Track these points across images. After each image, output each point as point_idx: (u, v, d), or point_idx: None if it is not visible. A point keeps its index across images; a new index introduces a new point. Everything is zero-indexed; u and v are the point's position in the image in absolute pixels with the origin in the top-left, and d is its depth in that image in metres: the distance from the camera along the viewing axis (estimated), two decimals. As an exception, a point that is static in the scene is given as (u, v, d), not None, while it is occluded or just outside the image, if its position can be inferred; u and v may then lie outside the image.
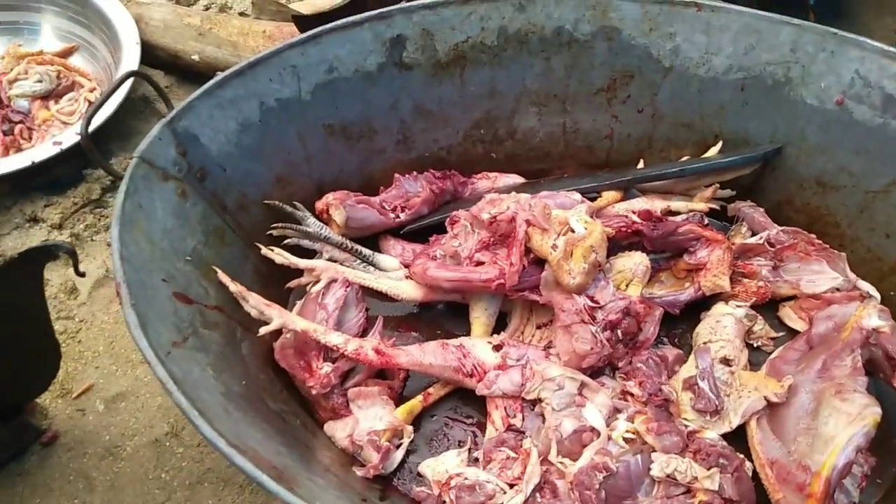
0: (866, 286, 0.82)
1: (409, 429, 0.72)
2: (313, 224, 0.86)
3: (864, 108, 0.82)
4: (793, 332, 0.82)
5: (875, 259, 0.84)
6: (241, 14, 1.37)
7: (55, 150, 1.04)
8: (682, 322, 0.82)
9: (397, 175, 0.91)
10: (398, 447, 0.71)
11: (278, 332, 0.74)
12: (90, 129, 0.71)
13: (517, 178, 0.96)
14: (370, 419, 0.71)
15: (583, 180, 0.92)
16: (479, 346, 0.75)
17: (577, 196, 0.84)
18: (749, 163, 0.89)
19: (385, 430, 0.70)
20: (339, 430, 0.71)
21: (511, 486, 0.65)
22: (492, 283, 0.75)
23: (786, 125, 0.88)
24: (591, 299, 0.73)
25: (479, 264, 0.77)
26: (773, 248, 0.85)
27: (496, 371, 0.72)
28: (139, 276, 0.61)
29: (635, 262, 0.78)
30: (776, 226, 0.88)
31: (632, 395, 0.71)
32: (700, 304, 0.82)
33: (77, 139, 1.05)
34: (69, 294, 0.97)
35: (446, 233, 0.83)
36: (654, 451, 0.65)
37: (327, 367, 0.72)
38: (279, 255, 0.81)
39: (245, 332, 0.73)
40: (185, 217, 0.73)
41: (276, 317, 0.72)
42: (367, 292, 0.82)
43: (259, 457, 0.50)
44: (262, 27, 1.23)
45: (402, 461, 0.71)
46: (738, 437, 0.71)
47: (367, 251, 0.86)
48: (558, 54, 0.90)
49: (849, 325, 0.73)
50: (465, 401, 0.76)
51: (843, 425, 0.64)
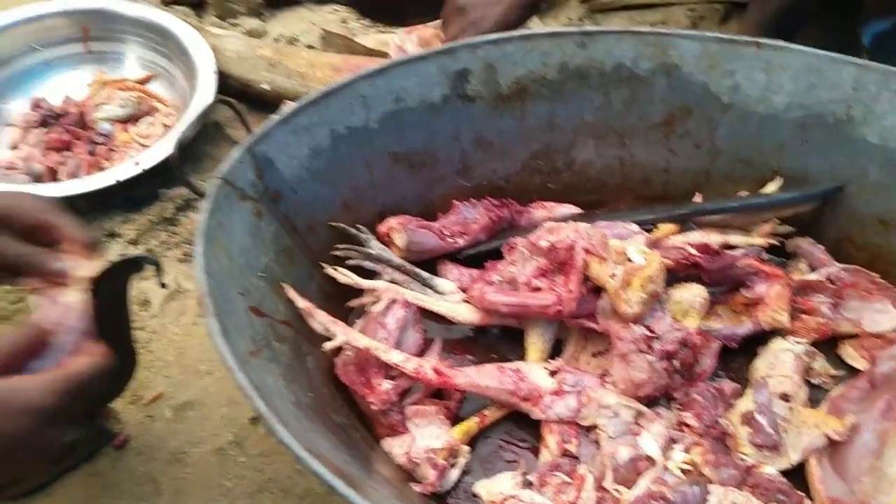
0: (931, 327, 0.81)
1: (466, 449, 0.74)
2: (376, 246, 0.89)
3: (929, 147, 0.82)
4: (853, 371, 0.81)
5: (940, 300, 0.83)
6: (309, 46, 1.44)
7: (137, 171, 1.10)
8: (738, 356, 0.82)
9: (456, 202, 0.94)
10: (454, 466, 0.72)
11: (339, 349, 0.77)
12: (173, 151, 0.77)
13: (573, 209, 0.98)
14: (427, 437, 0.73)
15: (639, 212, 0.93)
16: (535, 370, 0.76)
17: (635, 227, 0.85)
18: (808, 200, 0.89)
19: (442, 448, 0.72)
20: (396, 446, 0.74)
21: (565, 510, 0.66)
22: (549, 309, 0.77)
23: (847, 163, 0.88)
24: (649, 329, 0.74)
25: (537, 290, 0.79)
26: (833, 286, 0.85)
27: (552, 396, 0.73)
28: (219, 290, 0.65)
29: (693, 293, 0.79)
30: (836, 263, 0.87)
31: (688, 426, 0.71)
32: (757, 339, 0.82)
33: (156, 160, 1.12)
34: (142, 306, 1.02)
35: (502, 259, 0.86)
36: (711, 483, 0.65)
37: (387, 385, 0.75)
38: (343, 275, 0.85)
39: (310, 347, 0.77)
40: (260, 236, 0.77)
41: (341, 333, 0.76)
42: (424, 314, 0.85)
43: (330, 463, 0.52)
44: (330, 59, 1.29)
45: (458, 480, 0.72)
46: (796, 476, 0.70)
47: (425, 274, 0.89)
48: (617, 89, 0.93)
49: (913, 366, 0.72)
50: (520, 424, 0.77)
51: (910, 467, 0.63)
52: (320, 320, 0.77)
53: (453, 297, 0.88)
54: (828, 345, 0.83)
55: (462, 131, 0.94)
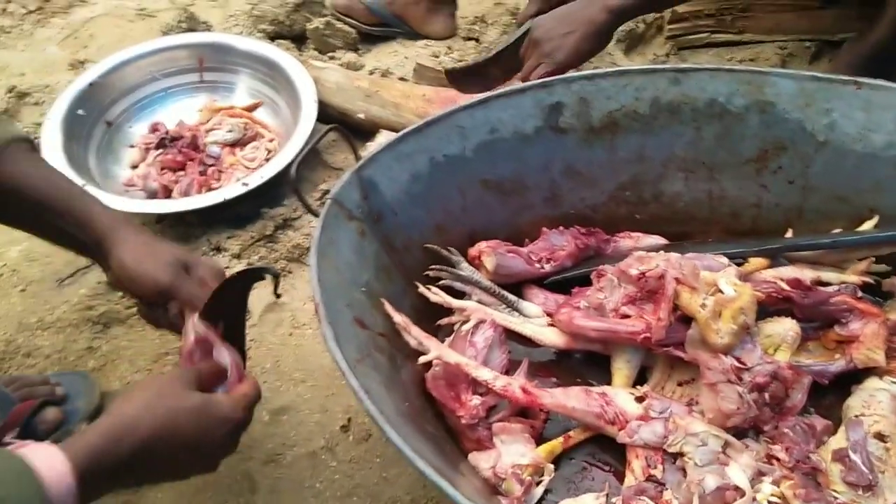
0: None
1: (550, 467, 0.76)
2: (466, 268, 0.93)
3: None
4: (955, 416, 0.78)
5: None
6: (401, 79, 1.52)
7: (243, 190, 1.19)
8: (829, 394, 0.81)
9: (545, 229, 0.98)
10: (539, 484, 0.74)
11: (429, 363, 0.81)
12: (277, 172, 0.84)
13: (660, 240, 0.99)
14: (513, 454, 0.76)
15: (728, 245, 0.93)
16: (621, 395, 0.78)
17: (724, 260, 0.86)
18: (906, 239, 0.88)
19: (528, 465, 0.74)
20: (483, 460, 0.76)
21: (651, 534, 0.66)
22: (638, 336, 0.78)
23: (948, 203, 0.86)
24: (738, 360, 0.75)
25: (625, 317, 0.81)
26: (933, 327, 0.83)
27: (639, 421, 0.75)
28: (330, 300, 0.70)
29: (785, 328, 0.79)
30: (936, 304, 0.85)
31: (778, 459, 0.71)
32: (849, 378, 0.81)
33: (260, 181, 1.21)
34: (243, 315, 1.09)
35: (588, 286, 0.88)
36: (802, 517, 0.65)
37: (476, 400, 0.78)
38: (435, 294, 0.89)
39: (403, 360, 0.81)
40: (363, 253, 0.82)
41: (434, 349, 0.79)
42: (509, 335, 0.88)
43: (436, 466, 0.56)
44: (422, 91, 1.36)
45: (541, 498, 0.74)
46: (892, 519, 0.68)
47: (512, 297, 0.92)
48: (709, 124, 0.94)
49: None
50: (603, 447, 0.78)
51: None
52: (415, 335, 0.81)
53: (539, 321, 0.90)
54: (926, 388, 0.81)
55: (553, 161, 0.97)
